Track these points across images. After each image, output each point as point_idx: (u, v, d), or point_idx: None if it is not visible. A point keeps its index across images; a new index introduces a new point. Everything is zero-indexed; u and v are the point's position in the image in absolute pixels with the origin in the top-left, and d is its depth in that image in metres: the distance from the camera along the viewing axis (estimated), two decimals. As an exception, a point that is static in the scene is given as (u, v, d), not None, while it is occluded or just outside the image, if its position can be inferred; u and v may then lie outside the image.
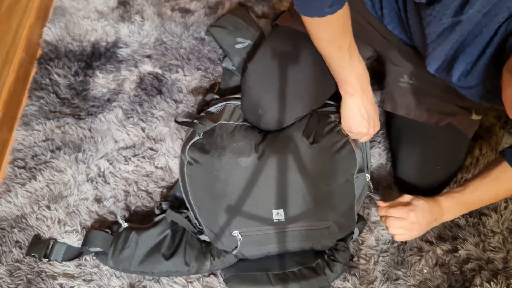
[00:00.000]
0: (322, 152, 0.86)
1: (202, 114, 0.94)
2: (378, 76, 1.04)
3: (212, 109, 0.94)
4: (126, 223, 0.91)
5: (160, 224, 0.90)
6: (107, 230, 0.90)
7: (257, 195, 0.84)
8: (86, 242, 0.89)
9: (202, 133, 0.87)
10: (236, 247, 0.86)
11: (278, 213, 0.85)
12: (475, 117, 0.97)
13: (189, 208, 0.88)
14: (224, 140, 0.86)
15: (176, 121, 0.89)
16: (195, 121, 0.88)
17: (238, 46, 1.12)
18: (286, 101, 0.85)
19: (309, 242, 0.87)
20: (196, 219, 0.88)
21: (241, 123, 0.90)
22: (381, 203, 0.86)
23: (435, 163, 0.96)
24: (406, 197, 0.85)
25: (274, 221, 0.85)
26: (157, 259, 0.87)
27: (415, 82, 0.94)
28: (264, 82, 0.87)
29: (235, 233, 0.85)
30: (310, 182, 0.85)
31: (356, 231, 0.91)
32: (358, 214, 0.93)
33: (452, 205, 0.84)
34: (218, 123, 0.88)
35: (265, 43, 0.92)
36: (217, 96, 1.05)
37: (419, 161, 0.96)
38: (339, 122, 0.89)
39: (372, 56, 0.97)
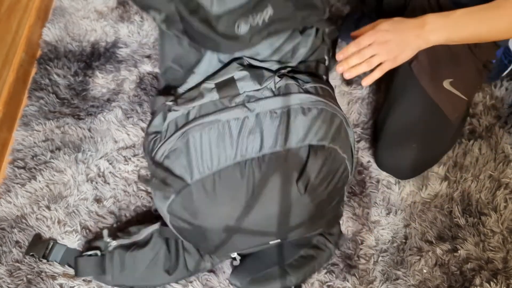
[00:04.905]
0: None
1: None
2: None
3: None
4: (114, 241, 0.87)
5: (153, 238, 0.87)
6: (96, 252, 0.86)
7: (258, 214, 0.73)
8: (78, 272, 0.86)
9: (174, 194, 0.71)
10: (235, 258, 0.86)
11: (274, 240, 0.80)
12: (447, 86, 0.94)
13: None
14: (207, 201, 0.71)
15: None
16: (155, 180, 0.71)
17: None
18: None
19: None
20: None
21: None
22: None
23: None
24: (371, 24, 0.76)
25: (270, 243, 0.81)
26: (159, 275, 0.85)
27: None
28: None
29: (234, 255, 0.85)
30: (310, 201, 0.76)
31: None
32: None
33: (437, 20, 0.74)
34: (193, 180, 0.69)
35: None
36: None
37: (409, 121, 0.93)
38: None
39: None
